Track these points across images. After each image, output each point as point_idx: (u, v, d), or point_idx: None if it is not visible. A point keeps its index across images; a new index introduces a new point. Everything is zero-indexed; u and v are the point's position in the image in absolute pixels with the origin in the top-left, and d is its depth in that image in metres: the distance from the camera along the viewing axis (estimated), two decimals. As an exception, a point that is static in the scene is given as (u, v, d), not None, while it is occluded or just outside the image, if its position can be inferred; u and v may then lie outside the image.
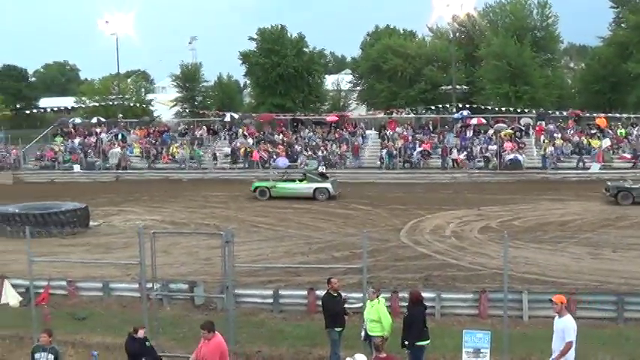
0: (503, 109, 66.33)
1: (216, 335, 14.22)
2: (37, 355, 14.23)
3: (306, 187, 46.55)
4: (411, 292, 16.76)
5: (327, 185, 46.84)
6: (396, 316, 18.00)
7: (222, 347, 14.28)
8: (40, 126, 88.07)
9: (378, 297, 16.59)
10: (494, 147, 57.10)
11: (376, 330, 16.06)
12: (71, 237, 34.95)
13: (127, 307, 22.47)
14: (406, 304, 20.26)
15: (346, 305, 17.75)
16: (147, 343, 15.54)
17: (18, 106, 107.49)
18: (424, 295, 21.18)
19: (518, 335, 18.40)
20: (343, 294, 17.90)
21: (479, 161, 56.53)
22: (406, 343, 15.83)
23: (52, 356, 14.15)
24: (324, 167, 56.08)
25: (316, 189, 46.34)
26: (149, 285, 19.20)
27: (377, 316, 16.16)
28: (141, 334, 15.09)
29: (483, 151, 57.36)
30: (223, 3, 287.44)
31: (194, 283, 23.28)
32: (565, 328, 14.58)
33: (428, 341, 15.96)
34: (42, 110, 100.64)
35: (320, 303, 19.35)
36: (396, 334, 16.24)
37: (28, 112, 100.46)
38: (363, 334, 16.50)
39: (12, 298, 23.57)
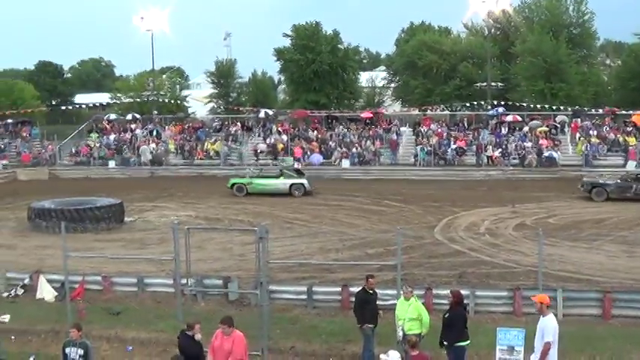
0: (539, 106, 66.02)
1: (236, 330, 14.19)
2: (67, 350, 14.34)
3: (282, 182, 47.03)
4: (454, 293, 16.38)
5: (304, 181, 47.48)
6: (429, 313, 17.90)
7: (245, 341, 14.30)
8: (76, 122, 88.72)
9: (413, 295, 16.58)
10: (529, 144, 56.84)
11: (415, 328, 15.92)
12: (106, 232, 35.18)
13: (161, 303, 22.56)
14: (440, 301, 20.35)
15: (380, 302, 17.73)
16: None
17: (53, 102, 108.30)
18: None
19: (553, 333, 18.28)
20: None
21: (514, 158, 56.27)
22: (445, 343, 15.75)
23: (82, 350, 14.24)
24: (299, 164, 56.24)
25: (292, 185, 46.85)
26: (183, 280, 19.32)
27: (416, 313, 16.04)
28: (197, 329, 14.91)
29: (518, 148, 57.08)
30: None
31: (228, 279, 23.33)
32: (545, 328, 14.66)
33: (468, 341, 15.82)
34: (77, 106, 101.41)
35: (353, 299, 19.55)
36: (432, 331, 16.23)
37: (63, 108, 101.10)
38: (400, 334, 16.09)
39: (47, 293, 23.75)
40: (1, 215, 41.34)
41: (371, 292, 17.26)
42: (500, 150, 56.95)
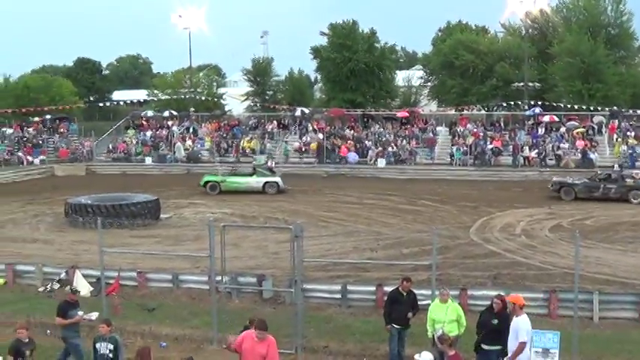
0: (576, 106, 65.47)
1: (269, 334, 14.09)
2: (97, 345, 14.48)
3: (255, 180, 47.19)
4: (502, 298, 15.96)
5: (277, 179, 47.77)
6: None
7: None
8: (113, 118, 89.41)
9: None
10: (566, 145, 56.51)
11: (454, 330, 15.80)
12: (142, 229, 35.39)
13: (195, 300, 22.66)
14: (474, 302, 20.29)
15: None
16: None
17: (91, 98, 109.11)
18: (493, 293, 21.12)
19: (588, 336, 18.18)
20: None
21: (550, 159, 55.91)
22: (484, 347, 15.56)
23: (112, 345, 14.37)
24: (273, 162, 56.12)
25: (266, 183, 46.99)
26: (218, 278, 19.37)
27: (456, 315, 15.89)
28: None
29: (555, 148, 56.73)
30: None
31: (263, 277, 23.38)
32: (519, 328, 14.79)
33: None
34: (115, 103, 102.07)
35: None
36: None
37: (101, 104, 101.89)
38: (437, 337, 14.99)
39: (83, 287, 23.86)
40: (39, 210, 41.75)
41: (404, 293, 17.05)
42: (536, 151, 56.64)
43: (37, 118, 75.30)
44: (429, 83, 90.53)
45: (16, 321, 20.40)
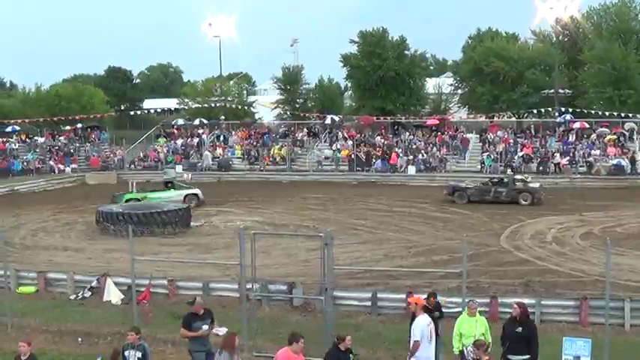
0: (607, 113, 65.04)
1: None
2: (126, 353, 14.57)
3: (176, 194, 45.60)
4: (521, 304, 15.78)
5: (197, 191, 46.78)
6: (494, 322, 17.70)
7: None
8: (144, 127, 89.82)
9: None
10: (597, 152, 56.19)
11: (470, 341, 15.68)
12: (173, 237, 35.64)
13: (226, 307, 22.59)
14: (505, 309, 20.18)
15: (444, 309, 17.61)
16: (351, 355, 14.93)
17: (122, 107, 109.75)
18: (524, 301, 21.01)
19: (620, 344, 17.99)
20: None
21: (581, 166, 55.60)
22: (510, 358, 15.27)
23: (140, 353, 14.45)
24: (190, 175, 55.60)
25: (186, 195, 45.78)
26: (249, 285, 19.40)
27: (484, 328, 15.58)
28: (348, 342, 14.69)
29: (586, 155, 56.41)
30: (326, 5, 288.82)
31: (293, 285, 23.36)
32: (414, 327, 15.28)
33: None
34: (145, 111, 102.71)
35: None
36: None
37: (132, 113, 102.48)
38: (473, 342, 14.86)
39: (114, 295, 24.03)
40: (70, 218, 42.05)
41: (430, 307, 16.60)
42: (567, 157, 56.33)
43: (68, 127, 76.11)
44: (459, 90, 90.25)
45: (48, 328, 20.68)
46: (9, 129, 72.37)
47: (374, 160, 60.07)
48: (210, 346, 16.09)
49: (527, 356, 14.80)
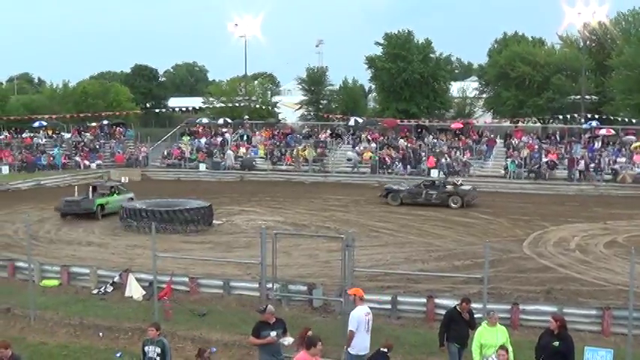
0: (634, 120, 64.64)
1: None
2: (146, 348, 14.73)
3: (123, 197, 43.51)
4: (558, 317, 15.49)
5: (132, 195, 44.91)
6: (514, 329, 17.58)
7: None
8: (168, 125, 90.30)
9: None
10: (623, 159, 55.84)
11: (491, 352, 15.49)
12: (194, 234, 35.77)
13: (246, 306, 22.68)
14: (526, 317, 20.11)
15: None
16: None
17: (148, 105, 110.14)
18: (545, 308, 20.93)
19: (642, 355, 17.92)
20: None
21: (607, 174, 55.28)
22: None
23: (160, 349, 14.59)
24: (126, 178, 54.78)
25: (130, 198, 44.03)
26: (269, 285, 19.42)
27: (505, 338, 15.33)
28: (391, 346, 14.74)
29: (612, 163, 56.09)
30: (351, 7, 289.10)
31: (313, 285, 23.34)
32: (351, 317, 15.83)
33: None
34: (170, 109, 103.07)
35: (441, 312, 19.51)
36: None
37: (157, 111, 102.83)
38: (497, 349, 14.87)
39: (136, 291, 24.12)
40: (95, 214, 42.28)
41: (462, 313, 16.41)
42: (593, 164, 56.02)
43: (94, 124, 76.38)
44: (484, 94, 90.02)
45: (70, 322, 20.79)
46: (36, 124, 73.06)
47: (397, 164, 59.94)
48: (282, 357, 15.74)
49: None
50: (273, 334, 15.36)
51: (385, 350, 14.57)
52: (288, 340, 15.36)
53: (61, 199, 42.02)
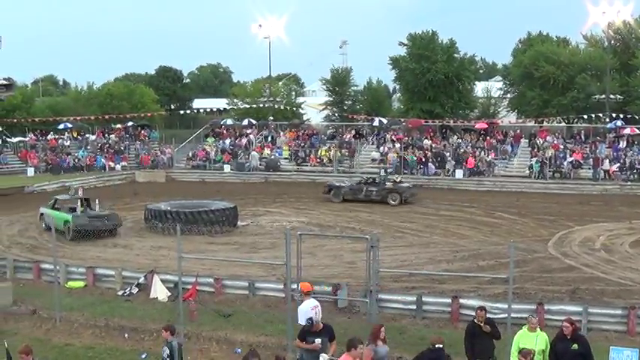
0: (659, 119, 64.25)
1: None
2: (161, 350, 15.03)
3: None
4: (570, 321, 15.26)
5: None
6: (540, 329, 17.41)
7: None
8: (193, 126, 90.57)
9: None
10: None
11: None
12: (219, 235, 35.89)
13: (271, 307, 22.75)
14: (551, 317, 20.05)
15: (490, 315, 17.37)
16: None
17: (172, 106, 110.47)
18: (570, 308, 20.88)
19: (668, 355, 17.82)
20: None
21: (632, 173, 54.98)
22: None
23: (168, 350, 14.76)
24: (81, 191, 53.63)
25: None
26: (294, 286, 19.49)
27: (544, 344, 15.10)
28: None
29: (637, 162, 55.78)
30: (375, 8, 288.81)
31: (338, 286, 23.33)
32: (299, 312, 16.87)
33: None
34: (195, 111, 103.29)
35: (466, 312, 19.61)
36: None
37: (181, 112, 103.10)
38: (520, 351, 14.51)
39: (161, 292, 24.24)
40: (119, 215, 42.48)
41: (481, 324, 15.83)
42: (617, 164, 55.73)
43: (119, 125, 76.72)
44: (509, 94, 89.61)
45: (95, 323, 20.93)
46: (61, 126, 73.55)
47: (421, 165, 59.90)
48: None
49: None
50: (318, 341, 15.39)
51: (441, 346, 14.41)
52: (324, 357, 15.07)
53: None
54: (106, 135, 73.68)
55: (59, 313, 21.57)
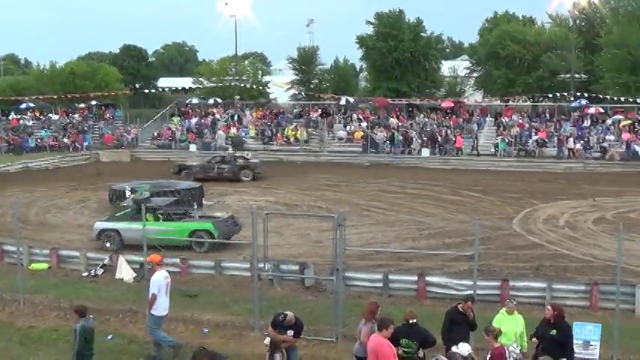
0: (622, 98, 64.69)
1: None
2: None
3: None
4: (557, 307, 15.09)
5: None
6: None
7: None
8: (158, 106, 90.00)
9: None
10: (612, 137, 56.02)
11: (524, 343, 15.08)
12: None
13: (237, 287, 22.70)
14: (516, 293, 20.17)
15: (453, 292, 17.41)
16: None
17: (137, 85, 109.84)
18: (535, 284, 21.10)
19: (630, 329, 17.95)
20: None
21: (595, 151, 55.45)
22: None
23: (75, 332, 14.77)
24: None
25: None
26: (260, 265, 19.46)
27: (522, 326, 15.12)
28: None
29: (600, 141, 56.25)
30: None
31: (305, 265, 23.37)
32: (151, 282, 17.11)
33: None
34: (160, 90, 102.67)
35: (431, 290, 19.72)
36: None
37: (146, 91, 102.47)
38: (484, 329, 14.30)
39: (126, 273, 24.13)
40: (83, 196, 42.22)
41: (465, 313, 15.39)
42: (581, 142, 56.15)
43: (82, 105, 75.84)
44: (475, 73, 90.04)
45: (60, 305, 20.78)
46: (23, 106, 72.55)
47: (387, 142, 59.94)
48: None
49: (563, 359, 14.36)
50: (291, 332, 15.30)
51: (414, 321, 14.33)
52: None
53: None
54: (70, 115, 72.93)
55: (23, 295, 21.34)
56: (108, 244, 28.38)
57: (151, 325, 17.15)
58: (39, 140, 64.80)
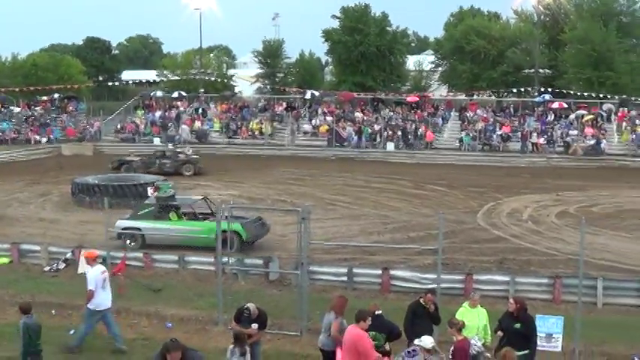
0: (586, 94, 65.23)
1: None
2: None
3: None
4: (519, 300, 15.10)
5: None
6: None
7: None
8: (122, 99, 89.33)
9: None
10: (575, 132, 56.47)
11: (487, 336, 15.13)
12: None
13: (201, 281, 22.62)
14: (479, 286, 20.25)
15: (417, 285, 17.43)
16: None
17: (100, 78, 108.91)
18: (498, 278, 21.22)
19: (592, 322, 18.12)
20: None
21: (559, 146, 55.87)
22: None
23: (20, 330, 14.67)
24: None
25: None
26: (224, 259, 19.36)
27: (486, 320, 15.21)
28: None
29: (564, 135, 56.67)
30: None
31: (269, 259, 23.33)
32: (89, 278, 17.33)
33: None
34: (124, 83, 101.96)
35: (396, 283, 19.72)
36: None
37: (110, 84, 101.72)
38: (479, 344, 14.35)
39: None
40: (45, 190, 41.82)
41: (426, 306, 15.42)
42: (545, 137, 56.55)
43: (44, 97, 75.06)
44: (440, 68, 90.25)
45: (21, 299, 20.53)
46: (-17, 98, 71.70)
47: (352, 136, 59.88)
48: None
49: (527, 351, 14.31)
50: (255, 326, 15.04)
51: (380, 312, 14.39)
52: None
53: None
54: (31, 107, 72.18)
55: (-17, 289, 21.14)
56: (130, 244, 27.13)
57: (85, 316, 17.30)
58: (0, 133, 64.03)
